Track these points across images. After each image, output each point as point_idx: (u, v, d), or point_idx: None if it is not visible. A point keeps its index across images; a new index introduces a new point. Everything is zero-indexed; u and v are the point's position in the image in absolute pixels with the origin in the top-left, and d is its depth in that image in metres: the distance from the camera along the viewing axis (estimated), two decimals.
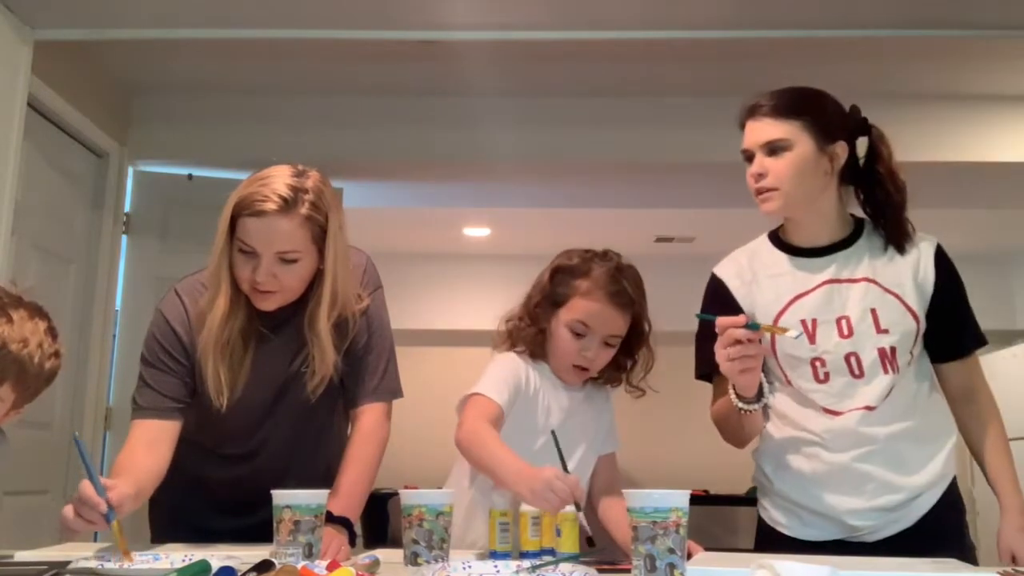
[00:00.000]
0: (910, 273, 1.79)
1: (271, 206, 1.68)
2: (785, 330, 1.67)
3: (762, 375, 1.70)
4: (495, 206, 5.53)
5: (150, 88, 4.12)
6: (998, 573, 1.40)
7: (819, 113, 1.77)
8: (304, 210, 1.70)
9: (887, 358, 1.75)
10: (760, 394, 1.71)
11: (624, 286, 1.85)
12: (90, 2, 3.09)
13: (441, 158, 4.19)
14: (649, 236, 6.28)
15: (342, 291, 1.80)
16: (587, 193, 4.89)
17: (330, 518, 1.67)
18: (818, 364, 1.77)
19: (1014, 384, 5.46)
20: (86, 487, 1.48)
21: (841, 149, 1.78)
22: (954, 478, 1.80)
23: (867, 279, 1.79)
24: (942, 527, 1.75)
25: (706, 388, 1.90)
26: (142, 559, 1.45)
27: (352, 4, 3.10)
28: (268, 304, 1.78)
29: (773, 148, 1.75)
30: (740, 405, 1.71)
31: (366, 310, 1.90)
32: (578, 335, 1.85)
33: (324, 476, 1.84)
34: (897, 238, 1.81)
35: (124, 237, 4.06)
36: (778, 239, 1.89)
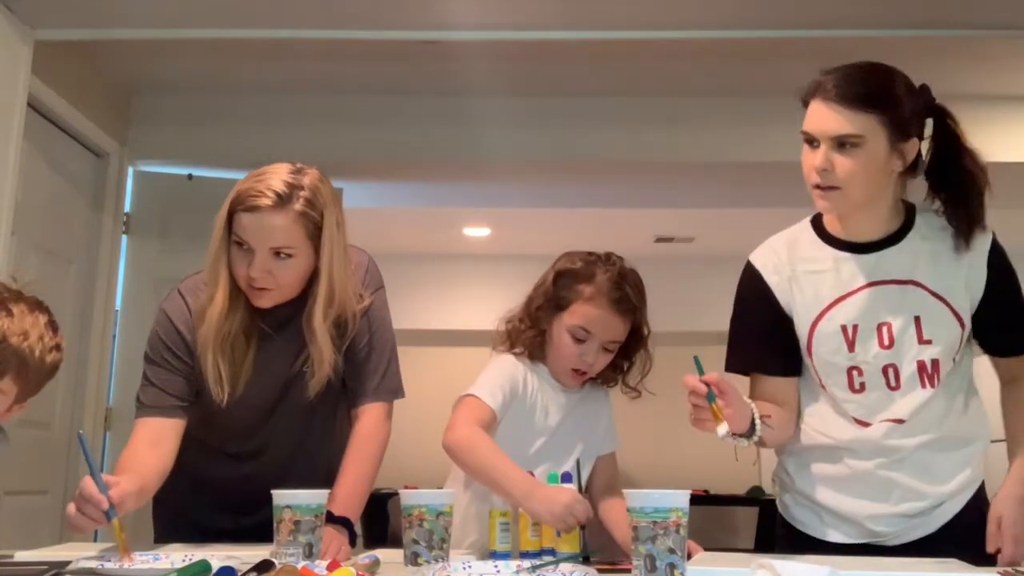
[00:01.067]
0: (962, 271, 1.67)
1: (266, 201, 1.68)
2: (719, 422, 1.49)
3: (755, 409, 1.61)
4: (495, 206, 5.53)
5: (150, 88, 4.12)
6: (998, 573, 1.40)
7: (896, 105, 1.60)
8: (299, 206, 1.70)
9: (926, 372, 1.66)
10: (752, 430, 1.60)
11: (627, 292, 1.84)
12: (90, 2, 3.09)
13: (441, 158, 4.19)
14: (649, 236, 6.28)
15: (340, 290, 1.79)
16: (587, 193, 4.89)
17: (330, 518, 1.67)
18: (855, 373, 1.68)
19: None
20: (88, 484, 1.48)
21: (912, 147, 1.63)
22: (982, 482, 1.74)
23: (914, 282, 1.67)
24: (966, 532, 1.68)
25: None
26: (142, 559, 1.44)
27: (353, 4, 3.10)
28: (264, 301, 1.77)
29: (843, 143, 1.58)
30: (727, 439, 1.57)
31: (367, 309, 1.90)
32: (579, 340, 1.85)
33: (326, 476, 1.84)
34: (970, 230, 1.66)
35: (124, 237, 4.06)
36: (822, 227, 1.75)
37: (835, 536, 1.73)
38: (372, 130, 4.14)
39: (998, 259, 1.70)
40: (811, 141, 1.62)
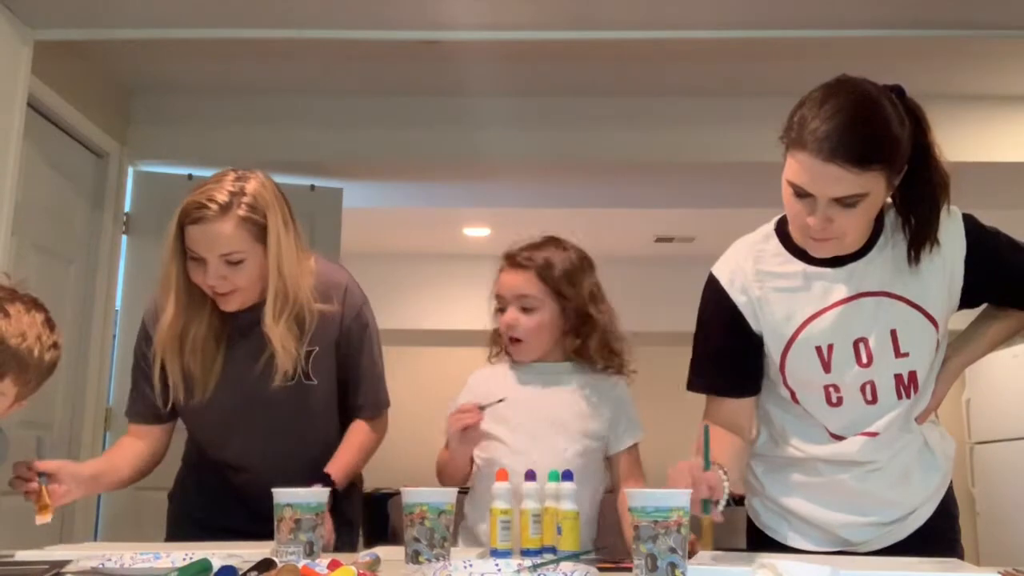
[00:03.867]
0: (937, 271, 1.61)
1: (208, 212, 1.76)
2: (704, 542, 1.49)
3: (725, 484, 1.50)
4: (495, 206, 5.52)
5: (150, 88, 4.12)
6: (998, 573, 1.40)
7: (897, 147, 1.50)
8: (241, 212, 1.78)
9: (903, 384, 1.64)
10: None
11: (519, 252, 1.99)
12: (90, 2, 3.09)
13: (441, 158, 4.18)
14: (649, 236, 6.27)
15: (292, 287, 1.84)
16: (587, 193, 4.89)
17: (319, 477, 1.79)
18: (831, 390, 1.65)
19: (1014, 384, 5.45)
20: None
21: (902, 171, 1.54)
22: (950, 484, 1.75)
23: (887, 293, 1.61)
24: (936, 536, 1.69)
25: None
26: (142, 558, 1.45)
27: (352, 4, 3.10)
28: (230, 305, 1.84)
29: (847, 202, 1.49)
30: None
31: (366, 325, 1.97)
32: (500, 310, 1.97)
33: (315, 476, 1.85)
34: (921, 246, 1.58)
35: (124, 237, 4.05)
36: (788, 237, 1.66)
37: (805, 544, 1.71)
38: (372, 130, 4.13)
39: (974, 234, 1.62)
40: (802, 193, 1.50)
